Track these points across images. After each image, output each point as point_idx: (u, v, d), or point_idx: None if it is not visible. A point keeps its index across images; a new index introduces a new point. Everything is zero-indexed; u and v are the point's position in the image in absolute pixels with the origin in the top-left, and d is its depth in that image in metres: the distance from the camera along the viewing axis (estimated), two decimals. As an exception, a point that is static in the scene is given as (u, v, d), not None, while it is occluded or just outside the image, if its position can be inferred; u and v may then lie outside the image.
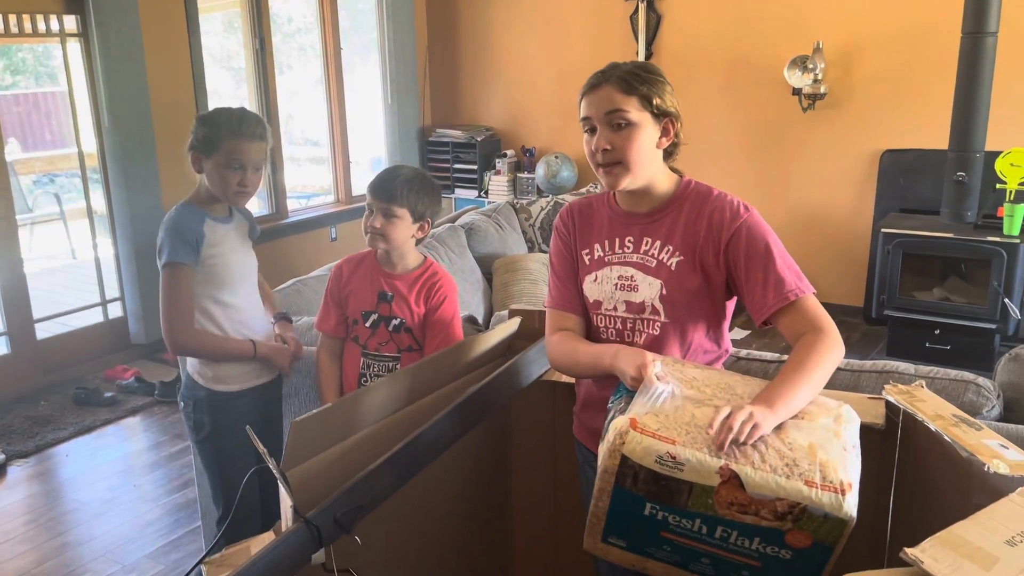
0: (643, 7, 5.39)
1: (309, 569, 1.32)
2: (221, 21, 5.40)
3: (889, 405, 1.70)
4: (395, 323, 2.18)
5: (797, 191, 5.21)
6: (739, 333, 4.60)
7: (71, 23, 4.40)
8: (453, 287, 2.23)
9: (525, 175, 6.01)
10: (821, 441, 1.34)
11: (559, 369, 1.80)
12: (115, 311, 4.79)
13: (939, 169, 4.53)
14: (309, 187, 6.32)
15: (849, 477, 1.29)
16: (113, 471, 3.59)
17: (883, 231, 4.51)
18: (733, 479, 1.29)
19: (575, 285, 1.74)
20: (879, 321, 4.70)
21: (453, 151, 6.15)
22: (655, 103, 1.58)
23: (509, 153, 6.10)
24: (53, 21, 4.35)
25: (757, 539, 1.33)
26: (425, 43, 6.25)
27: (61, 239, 6.58)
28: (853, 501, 1.28)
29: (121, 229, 4.58)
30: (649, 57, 5.45)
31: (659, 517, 1.37)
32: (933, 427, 1.50)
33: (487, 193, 6.08)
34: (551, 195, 5.13)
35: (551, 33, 5.82)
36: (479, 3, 6.06)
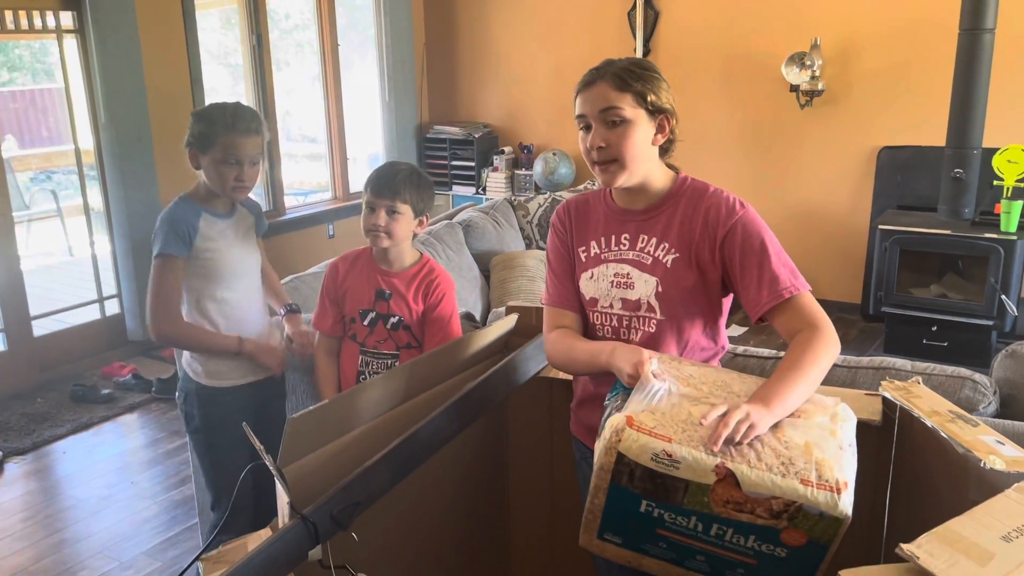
0: (641, 4, 5.39)
1: (306, 565, 1.32)
2: (218, 17, 5.39)
3: (886, 401, 1.70)
4: (393, 321, 2.17)
5: (794, 188, 5.21)
6: (736, 330, 4.60)
7: (67, 20, 4.39)
8: (451, 284, 2.23)
9: (523, 172, 6.00)
10: (817, 440, 1.34)
11: (557, 367, 1.80)
12: (112, 308, 4.78)
13: (936, 166, 4.54)
14: (306, 184, 6.32)
15: (845, 476, 1.30)
16: (110, 468, 3.58)
17: (880, 228, 4.51)
18: (729, 477, 1.29)
19: (572, 282, 1.73)
20: (876, 318, 4.70)
21: (451, 148, 6.14)
22: (649, 100, 1.57)
23: (507, 150, 6.10)
24: (50, 17, 4.34)
25: (752, 537, 1.33)
26: (423, 40, 6.24)
27: (58, 236, 6.57)
28: (849, 500, 1.28)
29: (118, 226, 4.57)
30: (647, 54, 5.45)
31: (655, 514, 1.37)
32: (929, 423, 1.50)
33: (485, 190, 6.08)
34: (549, 192, 5.13)
35: (549, 30, 5.82)
36: (477, 0, 6.05)
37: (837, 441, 1.35)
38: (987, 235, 4.21)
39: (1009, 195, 4.20)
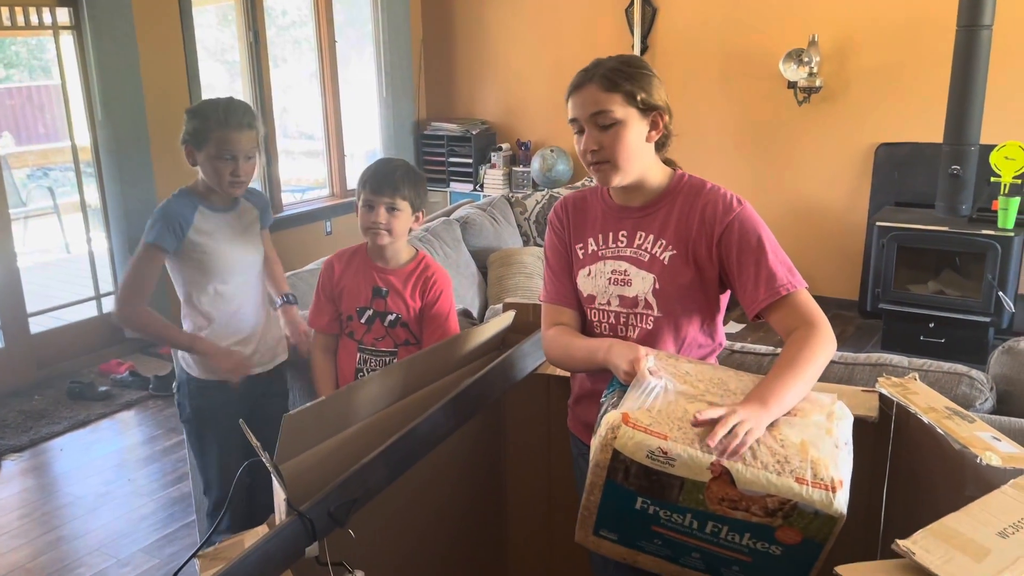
0: (639, 0, 5.38)
1: (303, 562, 1.32)
2: (215, 14, 5.38)
3: (882, 398, 1.70)
4: (391, 318, 2.17)
5: (792, 184, 5.21)
6: (734, 327, 4.61)
7: (64, 16, 4.38)
8: (448, 280, 2.22)
9: (520, 168, 6.00)
10: (813, 438, 1.34)
11: (555, 364, 1.80)
12: (109, 305, 4.78)
13: (934, 162, 4.54)
14: (304, 181, 6.31)
15: (840, 475, 1.30)
16: (107, 465, 3.58)
17: (878, 224, 4.52)
18: (724, 475, 1.29)
19: (570, 279, 1.73)
20: (874, 314, 4.71)
21: (448, 144, 6.14)
22: (639, 98, 1.56)
23: (504, 147, 6.09)
24: (46, 14, 4.33)
25: (747, 535, 1.34)
26: (420, 36, 6.23)
27: (55, 233, 6.56)
28: (844, 499, 1.28)
29: (115, 223, 4.56)
30: (644, 51, 5.44)
31: (650, 511, 1.37)
32: (926, 419, 1.50)
33: (482, 187, 6.07)
34: (546, 188, 5.13)
35: (546, 26, 5.81)
36: (474, -4, 6.05)
37: (833, 439, 1.35)
38: (984, 232, 4.22)
39: (1006, 192, 4.20)
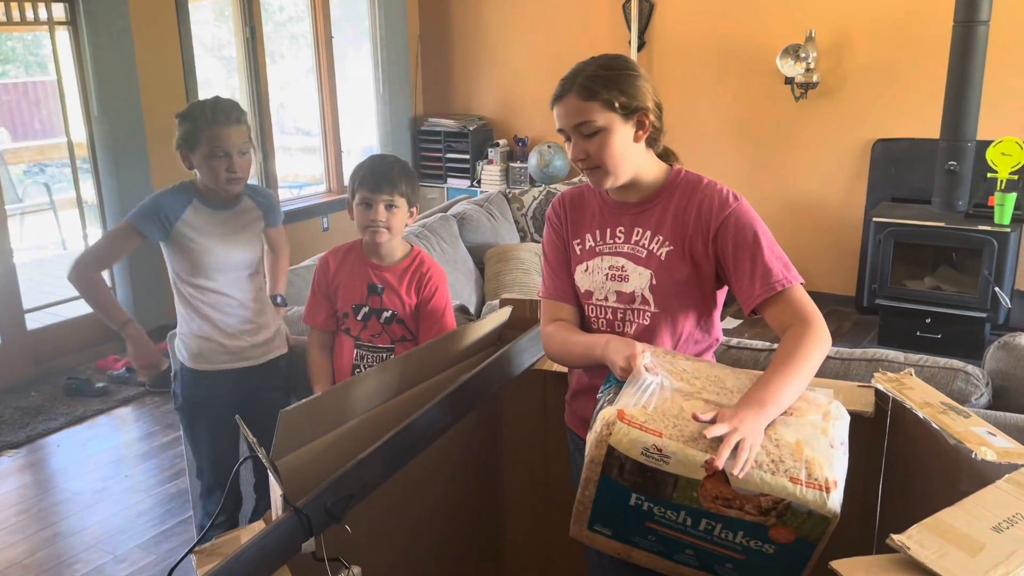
0: (636, -4, 5.38)
1: (299, 558, 1.32)
2: (211, 9, 5.37)
3: (878, 393, 1.70)
4: (386, 315, 2.17)
5: (789, 180, 5.21)
6: (731, 322, 4.61)
7: (59, 11, 4.36)
8: (443, 276, 2.22)
9: (518, 164, 5.99)
10: (808, 438, 1.34)
11: (554, 359, 1.80)
12: (106, 301, 4.77)
13: (931, 158, 4.54)
14: (301, 176, 6.30)
15: (835, 475, 1.30)
16: (104, 461, 3.58)
17: (875, 220, 4.52)
18: (718, 473, 1.29)
19: (568, 275, 1.73)
20: (870, 310, 4.71)
21: (445, 140, 6.13)
22: (618, 104, 1.55)
23: (502, 142, 6.09)
24: (42, 9, 4.31)
25: (741, 533, 1.34)
26: (417, 32, 6.22)
27: (51, 229, 6.54)
28: (837, 499, 1.29)
29: (111, 219, 4.55)
30: (642, 46, 5.44)
31: (644, 508, 1.37)
32: (921, 415, 1.50)
33: (479, 183, 6.07)
34: (544, 184, 5.12)
35: (544, 22, 5.80)
36: (471, -8, 6.04)
37: (828, 439, 1.35)
38: (981, 227, 4.22)
39: (1003, 187, 4.20)
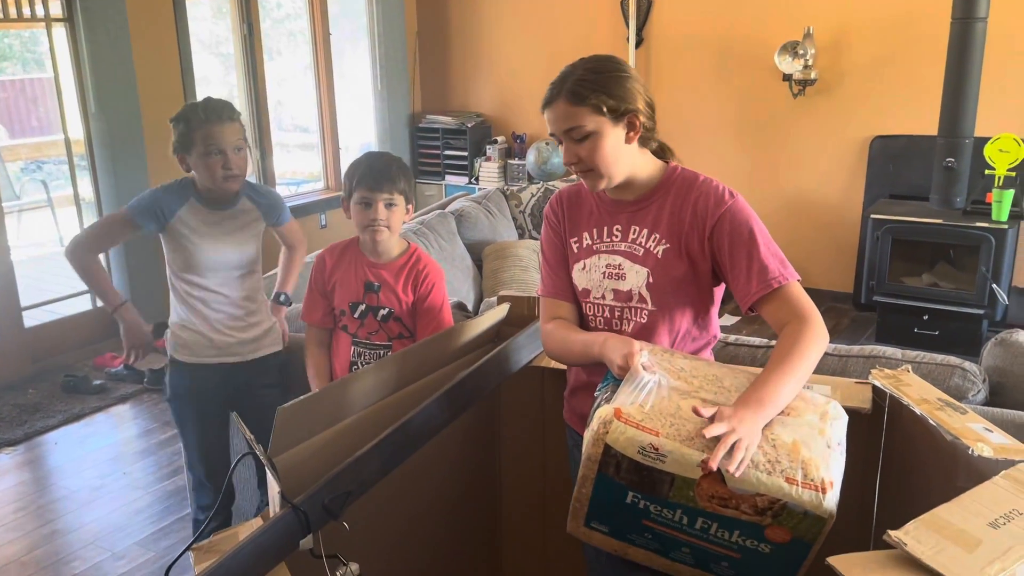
0: (634, -8, 5.38)
1: (297, 555, 1.32)
2: (209, 6, 5.36)
3: (876, 390, 1.71)
4: (383, 313, 2.17)
5: (787, 177, 5.22)
6: (729, 319, 4.61)
7: (56, 8, 4.35)
8: (440, 273, 2.22)
9: (515, 161, 5.99)
10: (805, 438, 1.35)
11: (553, 357, 1.80)
12: (104, 299, 4.76)
13: (928, 155, 4.54)
14: (299, 174, 6.29)
15: (831, 475, 1.30)
16: (102, 459, 3.58)
17: (872, 217, 4.52)
18: (715, 473, 1.29)
19: (567, 273, 1.73)
20: (868, 307, 4.71)
21: (443, 137, 6.13)
22: (607, 108, 1.54)
23: (499, 139, 6.09)
24: (38, 6, 4.30)
25: (737, 532, 1.34)
26: (415, 29, 6.21)
27: (49, 226, 6.53)
28: (833, 499, 1.29)
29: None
30: (640, 43, 5.44)
31: (641, 506, 1.37)
32: (918, 411, 1.51)
33: (477, 180, 6.06)
34: (541, 181, 5.12)
35: (542, 18, 5.80)
36: (469, -12, 6.03)
37: (825, 439, 1.36)
38: (978, 224, 4.23)
39: (1000, 184, 4.20)
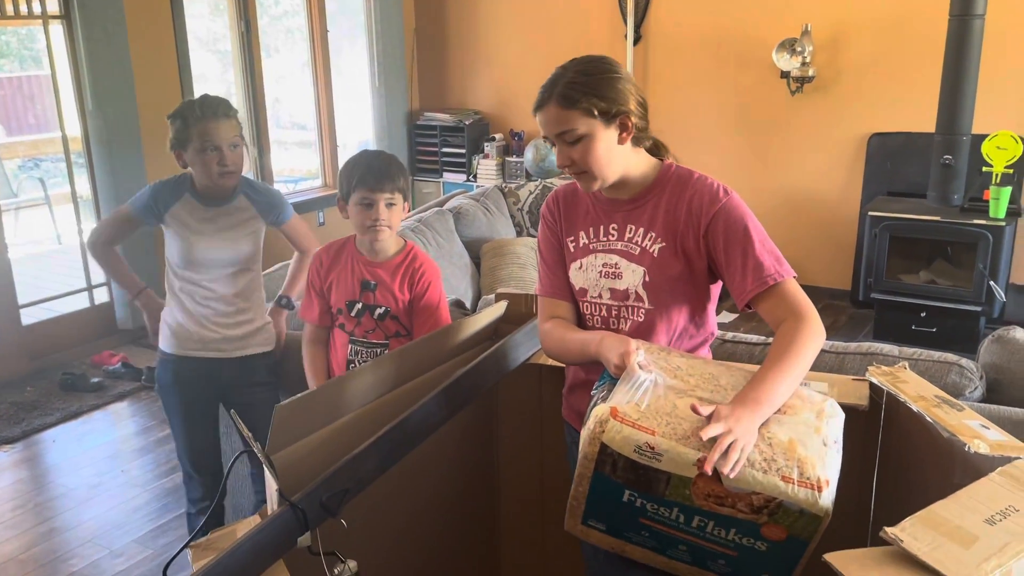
0: (631, -11, 5.37)
1: (295, 552, 1.32)
2: (207, 3, 5.35)
3: (873, 387, 1.71)
4: (380, 312, 2.17)
5: (785, 174, 5.22)
6: (727, 316, 4.62)
7: (53, 5, 4.34)
8: (436, 271, 2.22)
9: (513, 159, 5.99)
10: (801, 437, 1.35)
11: (551, 356, 1.80)
12: (101, 296, 4.76)
13: (926, 152, 4.54)
14: (297, 171, 6.29)
15: (827, 474, 1.30)
16: (100, 456, 3.58)
17: (870, 214, 4.52)
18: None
19: (564, 272, 1.73)
20: (866, 304, 4.72)
21: (441, 135, 6.13)
22: (598, 111, 1.54)
23: (497, 137, 6.08)
24: (35, 3, 4.29)
25: (733, 530, 1.35)
26: (412, 26, 6.21)
27: (46, 224, 6.52)
28: (829, 498, 1.29)
29: (106, 213, 4.54)
30: (638, 40, 5.43)
31: (637, 504, 1.38)
32: (915, 408, 1.51)
33: (475, 177, 6.06)
34: (539, 179, 5.12)
35: (540, 15, 5.79)
36: (467, -15, 6.03)
37: (821, 438, 1.36)
38: (976, 221, 4.23)
39: (998, 181, 4.21)
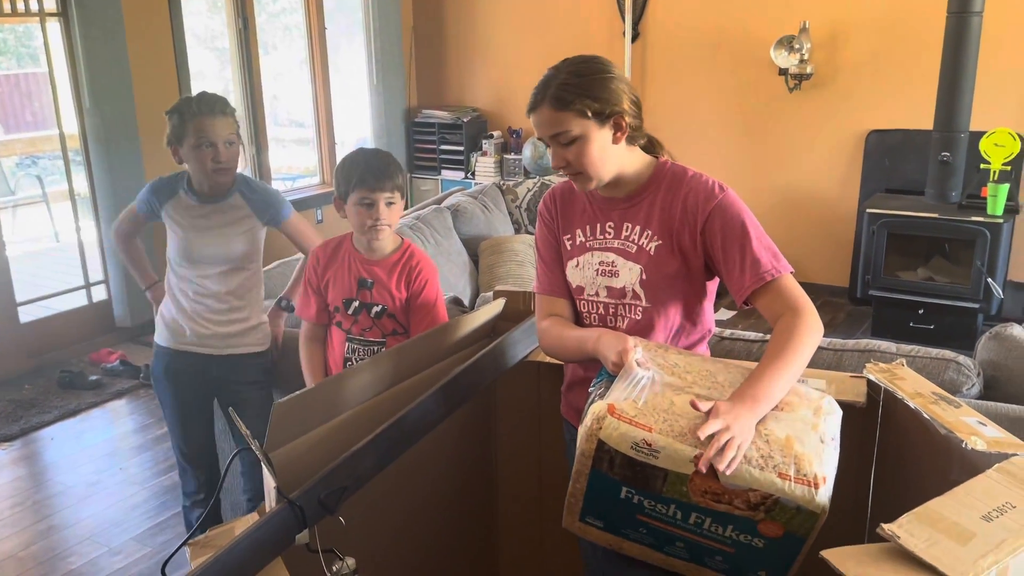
0: (630, -13, 5.37)
1: (293, 550, 1.32)
2: (204, 1, 5.34)
3: (870, 383, 1.71)
4: (377, 310, 2.16)
5: (783, 171, 5.22)
6: (725, 313, 4.62)
7: (51, 3, 4.33)
8: (433, 269, 2.21)
9: (512, 156, 5.99)
10: (798, 433, 1.35)
11: (549, 354, 1.80)
12: (99, 294, 4.76)
13: (924, 149, 4.55)
14: (295, 169, 6.28)
15: (824, 471, 1.30)
16: (99, 454, 3.58)
17: (868, 211, 4.53)
18: (708, 468, 1.29)
19: (562, 270, 1.73)
20: (864, 301, 4.72)
21: (439, 132, 6.12)
22: (591, 112, 1.53)
23: (496, 134, 6.08)
24: (32, 1, 4.28)
25: (730, 527, 1.35)
26: (411, 23, 6.20)
27: (44, 222, 6.52)
28: (826, 494, 1.29)
29: (104, 211, 4.54)
30: (636, 37, 5.43)
31: (635, 501, 1.38)
32: (913, 405, 1.51)
33: (473, 174, 6.06)
34: (538, 176, 5.12)
35: (537, 13, 5.79)
36: (465, -18, 6.02)
37: (819, 435, 1.36)
38: (974, 218, 4.23)
39: (996, 178, 4.21)
